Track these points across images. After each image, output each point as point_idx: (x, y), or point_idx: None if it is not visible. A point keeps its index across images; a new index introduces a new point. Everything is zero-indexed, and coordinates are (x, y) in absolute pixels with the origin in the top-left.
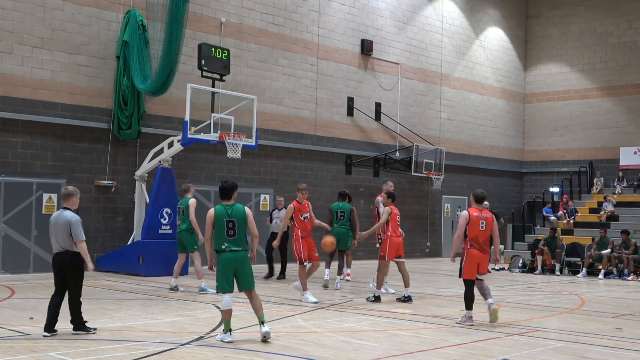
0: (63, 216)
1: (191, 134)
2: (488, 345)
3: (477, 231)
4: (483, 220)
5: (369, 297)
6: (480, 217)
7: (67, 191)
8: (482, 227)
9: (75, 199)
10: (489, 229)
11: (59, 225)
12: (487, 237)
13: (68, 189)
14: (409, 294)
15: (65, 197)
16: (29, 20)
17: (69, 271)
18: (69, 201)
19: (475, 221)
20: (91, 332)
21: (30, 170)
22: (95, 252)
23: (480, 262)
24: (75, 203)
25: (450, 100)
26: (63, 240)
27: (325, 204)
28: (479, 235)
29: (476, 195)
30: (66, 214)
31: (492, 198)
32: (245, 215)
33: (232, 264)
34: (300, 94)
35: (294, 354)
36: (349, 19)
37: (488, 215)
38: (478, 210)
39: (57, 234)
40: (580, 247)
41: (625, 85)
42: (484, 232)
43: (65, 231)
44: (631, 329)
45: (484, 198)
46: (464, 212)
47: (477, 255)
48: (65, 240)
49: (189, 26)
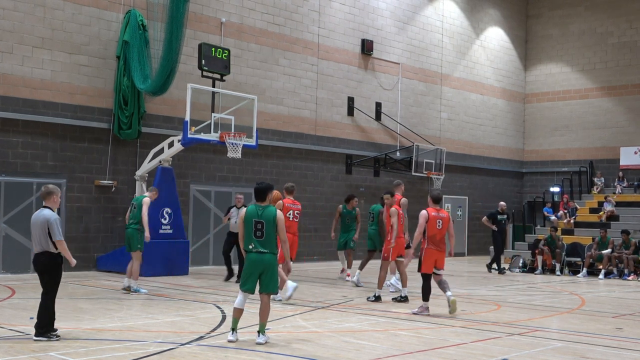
0: (42, 215)
1: (191, 134)
2: (488, 345)
3: (434, 229)
4: (439, 220)
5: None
6: (437, 216)
7: (47, 189)
8: (438, 225)
9: (56, 197)
10: (445, 228)
11: (37, 224)
12: (443, 235)
13: (48, 187)
14: (405, 293)
15: (45, 196)
16: (29, 20)
17: (45, 273)
18: (49, 200)
19: (432, 220)
20: (52, 339)
21: (30, 170)
22: (95, 251)
23: (437, 258)
24: (55, 202)
25: (450, 100)
26: (40, 240)
27: (325, 203)
28: (436, 234)
29: (433, 195)
30: (44, 212)
31: (492, 198)
32: (275, 218)
33: (259, 265)
34: (301, 93)
35: (294, 354)
36: (349, 19)
37: (444, 215)
38: (435, 210)
39: (35, 233)
40: (580, 246)
41: (625, 85)
42: (440, 230)
43: (43, 230)
44: (631, 329)
45: (440, 198)
46: (423, 211)
47: (434, 252)
48: (43, 240)
49: (189, 26)
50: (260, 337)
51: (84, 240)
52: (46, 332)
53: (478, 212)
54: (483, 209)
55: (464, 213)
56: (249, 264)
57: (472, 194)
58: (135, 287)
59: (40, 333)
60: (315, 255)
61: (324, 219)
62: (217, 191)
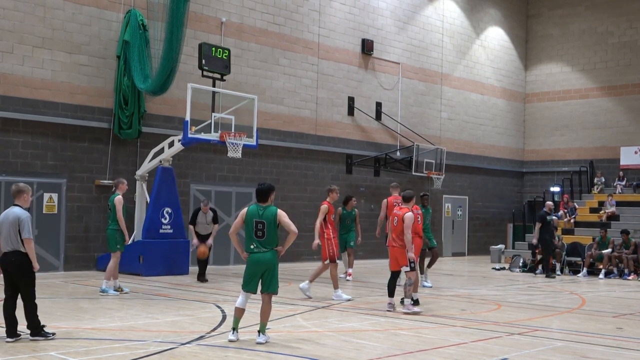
0: (12, 212)
1: (191, 134)
2: (488, 345)
3: (391, 225)
4: (396, 217)
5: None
6: (394, 213)
7: (18, 187)
8: (394, 222)
9: (27, 195)
10: (400, 225)
11: (6, 223)
12: (399, 232)
13: (19, 185)
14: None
15: (16, 194)
16: (29, 20)
17: (16, 273)
18: (20, 198)
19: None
20: (49, 337)
21: (31, 169)
22: (96, 251)
23: (397, 255)
24: (26, 200)
25: (450, 100)
26: (10, 239)
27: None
28: (392, 230)
29: (403, 194)
30: (15, 210)
31: (492, 197)
32: (275, 217)
33: (261, 265)
34: (301, 93)
35: (294, 353)
36: (349, 19)
37: (400, 213)
38: (398, 208)
39: (5, 231)
40: (580, 246)
41: (625, 85)
42: (395, 227)
43: (13, 228)
44: (631, 328)
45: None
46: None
47: (390, 249)
48: (13, 239)
49: (189, 25)
50: (260, 336)
51: (84, 240)
52: (41, 331)
53: (478, 212)
54: (483, 209)
55: (464, 213)
56: (251, 265)
57: (473, 194)
58: (103, 287)
59: (36, 333)
60: (315, 255)
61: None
62: (217, 191)
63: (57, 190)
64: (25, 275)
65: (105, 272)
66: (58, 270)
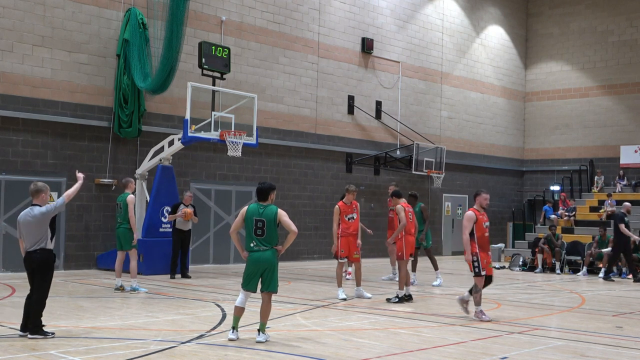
0: (35, 210)
1: (191, 132)
2: (488, 344)
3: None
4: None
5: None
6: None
7: (36, 187)
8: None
9: (45, 195)
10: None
11: (29, 222)
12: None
13: (37, 185)
14: (408, 292)
15: (34, 193)
16: (29, 18)
17: (38, 269)
18: (38, 197)
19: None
20: (48, 336)
21: (31, 168)
22: (96, 250)
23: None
24: (44, 199)
25: (450, 99)
26: (34, 236)
27: (325, 202)
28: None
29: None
30: (35, 209)
31: (492, 196)
32: (275, 216)
33: (261, 264)
34: (301, 92)
35: (294, 352)
36: (349, 17)
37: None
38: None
39: (28, 230)
40: (580, 245)
41: (625, 84)
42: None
43: (37, 224)
44: (631, 327)
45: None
46: None
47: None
48: (37, 236)
49: (189, 24)
50: (260, 335)
51: (84, 239)
52: (40, 330)
53: None
54: None
55: (464, 212)
56: (251, 264)
57: (473, 193)
58: (134, 285)
59: (35, 331)
60: (315, 254)
61: (324, 218)
62: (217, 189)
63: (57, 189)
64: (47, 272)
65: (130, 272)
66: (58, 269)
